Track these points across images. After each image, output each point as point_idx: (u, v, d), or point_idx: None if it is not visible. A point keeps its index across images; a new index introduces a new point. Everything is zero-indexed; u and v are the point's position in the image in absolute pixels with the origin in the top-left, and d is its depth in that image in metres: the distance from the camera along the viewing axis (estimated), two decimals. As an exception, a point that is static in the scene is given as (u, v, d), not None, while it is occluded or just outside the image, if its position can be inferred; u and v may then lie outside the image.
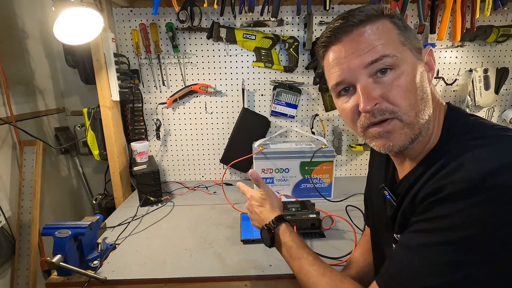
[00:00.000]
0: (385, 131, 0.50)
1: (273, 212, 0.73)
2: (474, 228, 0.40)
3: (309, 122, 1.55)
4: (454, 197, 0.42)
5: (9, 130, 1.27)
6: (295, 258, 0.65)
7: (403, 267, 0.47)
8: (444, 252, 0.42)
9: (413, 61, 0.50)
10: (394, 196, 0.59)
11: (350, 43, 0.50)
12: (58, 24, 1.01)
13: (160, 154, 1.58)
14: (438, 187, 0.44)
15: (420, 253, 0.45)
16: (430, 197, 0.45)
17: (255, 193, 0.78)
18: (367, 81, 0.49)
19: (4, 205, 1.19)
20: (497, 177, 0.39)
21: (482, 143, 0.45)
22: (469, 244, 0.40)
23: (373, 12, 0.50)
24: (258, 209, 0.76)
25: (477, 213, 0.40)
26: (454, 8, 1.31)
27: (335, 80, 0.53)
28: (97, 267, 0.87)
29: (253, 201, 0.77)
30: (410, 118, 0.49)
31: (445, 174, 0.45)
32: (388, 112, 0.49)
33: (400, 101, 0.48)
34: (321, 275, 0.59)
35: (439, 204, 0.44)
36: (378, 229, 0.70)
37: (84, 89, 1.58)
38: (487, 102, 1.49)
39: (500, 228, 0.39)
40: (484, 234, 0.39)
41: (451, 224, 0.42)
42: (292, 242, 0.67)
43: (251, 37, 1.41)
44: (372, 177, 0.75)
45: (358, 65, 0.49)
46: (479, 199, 0.40)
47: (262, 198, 0.76)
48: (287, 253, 0.67)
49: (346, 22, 0.50)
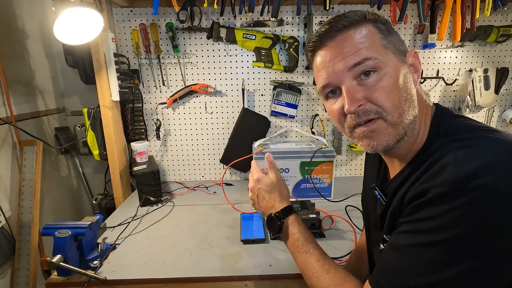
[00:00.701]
0: (369, 131, 0.52)
1: (282, 201, 0.71)
2: (458, 229, 0.41)
3: (309, 122, 1.55)
4: (438, 200, 0.43)
5: (9, 130, 1.27)
6: (301, 251, 0.64)
7: (392, 267, 0.49)
8: (430, 252, 0.43)
9: (395, 63, 0.52)
10: (384, 196, 0.60)
11: (334, 47, 0.53)
12: (58, 24, 1.01)
13: (160, 154, 1.58)
14: (422, 190, 0.46)
15: (408, 253, 0.46)
16: (415, 199, 0.47)
17: (265, 177, 0.75)
18: (351, 84, 0.52)
19: (4, 205, 1.19)
20: (478, 179, 0.40)
21: (465, 145, 0.46)
22: (454, 244, 0.42)
23: (356, 17, 0.52)
24: (267, 194, 0.73)
25: (460, 214, 0.41)
26: (454, 8, 1.31)
27: (322, 83, 0.55)
28: (97, 267, 0.87)
29: (261, 185, 0.74)
30: (394, 118, 0.50)
31: (429, 176, 0.46)
32: (372, 113, 0.51)
33: (384, 102, 0.50)
34: (325, 271, 0.60)
35: (424, 206, 0.45)
36: (370, 228, 0.71)
37: (84, 89, 1.58)
38: (487, 102, 1.49)
39: (482, 227, 0.40)
40: (468, 234, 0.41)
41: (436, 225, 0.43)
42: (300, 235, 0.66)
43: (251, 37, 1.41)
44: (367, 177, 0.77)
45: (342, 68, 0.51)
46: (462, 201, 0.41)
47: (272, 184, 0.73)
48: (293, 245, 0.66)
49: (331, 27, 0.53)
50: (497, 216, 0.39)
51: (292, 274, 0.84)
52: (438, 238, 0.43)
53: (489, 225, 0.40)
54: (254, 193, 0.74)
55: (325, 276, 0.59)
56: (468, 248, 0.41)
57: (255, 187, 0.74)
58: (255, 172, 0.76)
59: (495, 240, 0.40)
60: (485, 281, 0.41)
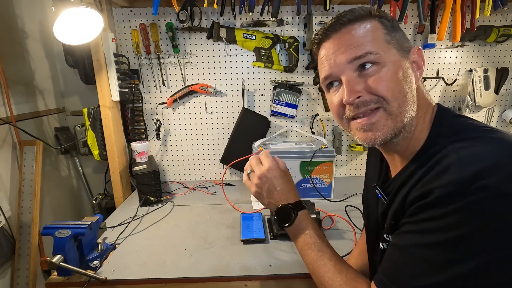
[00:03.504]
0: (368, 123, 0.52)
1: (295, 195, 0.69)
2: (463, 229, 0.41)
3: (309, 122, 1.55)
4: (442, 201, 0.43)
5: (9, 130, 1.27)
6: (313, 248, 0.63)
7: (397, 267, 0.49)
8: (435, 252, 0.43)
9: (397, 58, 0.52)
10: (385, 195, 0.60)
11: (338, 40, 0.54)
12: (58, 24, 1.01)
13: (160, 154, 1.58)
14: (426, 190, 0.45)
15: (413, 253, 0.46)
16: (419, 200, 0.47)
17: (277, 167, 0.70)
18: (352, 75, 0.52)
19: (4, 205, 1.19)
20: (482, 180, 0.40)
21: (468, 145, 0.46)
22: (459, 244, 0.42)
23: (362, 12, 0.54)
24: (279, 185, 0.68)
25: (465, 215, 0.41)
26: (454, 8, 1.31)
27: (324, 74, 0.57)
28: (97, 267, 0.87)
29: (273, 174, 0.69)
30: (393, 108, 0.51)
31: (433, 177, 0.46)
32: (372, 102, 0.51)
33: (383, 92, 0.51)
34: (338, 271, 0.59)
35: (428, 207, 0.45)
36: (371, 228, 0.71)
37: (84, 89, 1.58)
38: (487, 102, 1.49)
39: (487, 227, 0.40)
40: (473, 234, 0.41)
41: (441, 225, 0.43)
42: (313, 231, 0.65)
43: (251, 37, 1.41)
44: (368, 176, 0.76)
45: (344, 60, 0.52)
46: (466, 202, 0.41)
47: (286, 173, 0.70)
48: (304, 241, 0.64)
49: (337, 21, 0.54)
50: (501, 216, 0.40)
51: (292, 274, 0.84)
52: (443, 238, 0.43)
53: (493, 225, 0.40)
54: (265, 182, 0.69)
55: (337, 276, 0.58)
56: (473, 247, 0.41)
57: (266, 175, 0.69)
58: (267, 161, 0.71)
59: (499, 239, 0.40)
60: (491, 280, 0.41)
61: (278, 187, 0.69)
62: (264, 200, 0.71)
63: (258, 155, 0.74)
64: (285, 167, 0.73)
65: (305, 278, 0.83)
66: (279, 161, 0.73)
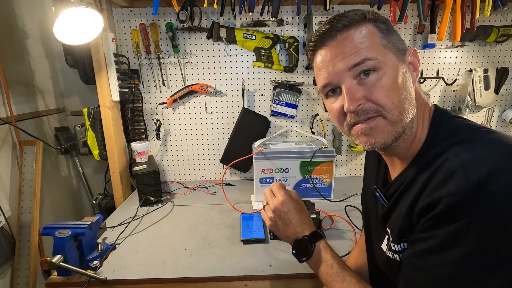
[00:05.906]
0: (368, 128, 0.52)
1: (311, 225, 0.68)
2: (481, 240, 0.40)
3: (309, 122, 1.55)
4: (453, 212, 0.42)
5: (9, 130, 1.27)
6: (337, 279, 0.61)
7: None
8: (455, 270, 0.42)
9: (395, 62, 0.52)
10: (385, 197, 0.60)
11: (335, 47, 0.53)
12: (58, 24, 1.01)
13: (160, 154, 1.58)
14: (433, 200, 0.45)
15: (433, 275, 0.45)
16: (428, 211, 0.46)
17: (291, 199, 0.69)
18: (352, 83, 0.52)
19: (4, 205, 1.19)
20: (490, 185, 0.40)
21: (469, 147, 0.46)
22: (479, 259, 0.41)
23: (356, 17, 0.53)
24: (294, 218, 0.67)
25: (480, 226, 0.40)
26: (454, 8, 1.31)
27: (322, 82, 0.56)
28: (97, 267, 0.87)
29: (288, 205, 0.68)
30: (394, 116, 0.51)
31: (438, 184, 0.45)
32: (372, 111, 0.51)
33: (383, 101, 0.50)
34: None
35: (440, 220, 0.44)
36: (371, 229, 0.70)
37: (84, 89, 1.58)
38: (487, 102, 1.49)
39: (504, 234, 0.40)
40: (492, 244, 0.40)
41: (456, 240, 0.42)
42: (334, 261, 0.63)
43: (251, 37, 1.41)
44: (367, 177, 0.76)
45: (343, 68, 0.52)
46: (479, 211, 0.40)
47: (300, 203, 0.70)
48: (326, 272, 0.63)
49: (331, 27, 0.53)
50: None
51: (292, 274, 0.84)
52: (461, 253, 0.42)
53: (509, 229, 0.39)
54: (279, 216, 0.69)
55: None
56: (495, 259, 0.40)
57: (280, 209, 0.68)
58: (281, 194, 0.70)
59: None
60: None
61: (293, 220, 0.68)
62: (281, 234, 0.70)
63: (270, 187, 0.73)
64: (297, 197, 0.72)
65: (305, 278, 0.84)
66: (291, 192, 0.73)
